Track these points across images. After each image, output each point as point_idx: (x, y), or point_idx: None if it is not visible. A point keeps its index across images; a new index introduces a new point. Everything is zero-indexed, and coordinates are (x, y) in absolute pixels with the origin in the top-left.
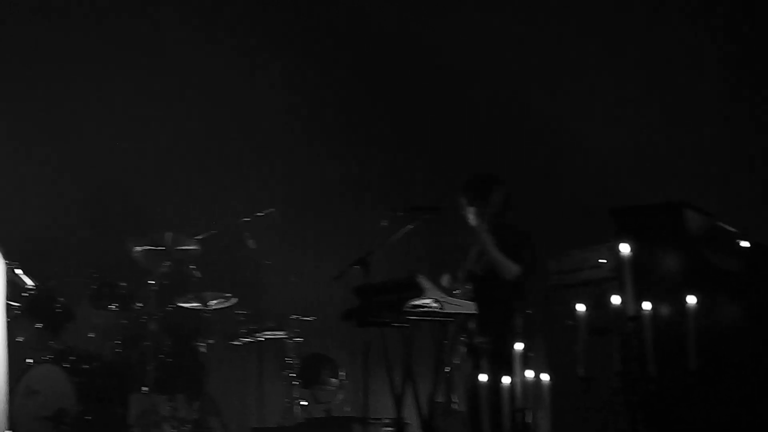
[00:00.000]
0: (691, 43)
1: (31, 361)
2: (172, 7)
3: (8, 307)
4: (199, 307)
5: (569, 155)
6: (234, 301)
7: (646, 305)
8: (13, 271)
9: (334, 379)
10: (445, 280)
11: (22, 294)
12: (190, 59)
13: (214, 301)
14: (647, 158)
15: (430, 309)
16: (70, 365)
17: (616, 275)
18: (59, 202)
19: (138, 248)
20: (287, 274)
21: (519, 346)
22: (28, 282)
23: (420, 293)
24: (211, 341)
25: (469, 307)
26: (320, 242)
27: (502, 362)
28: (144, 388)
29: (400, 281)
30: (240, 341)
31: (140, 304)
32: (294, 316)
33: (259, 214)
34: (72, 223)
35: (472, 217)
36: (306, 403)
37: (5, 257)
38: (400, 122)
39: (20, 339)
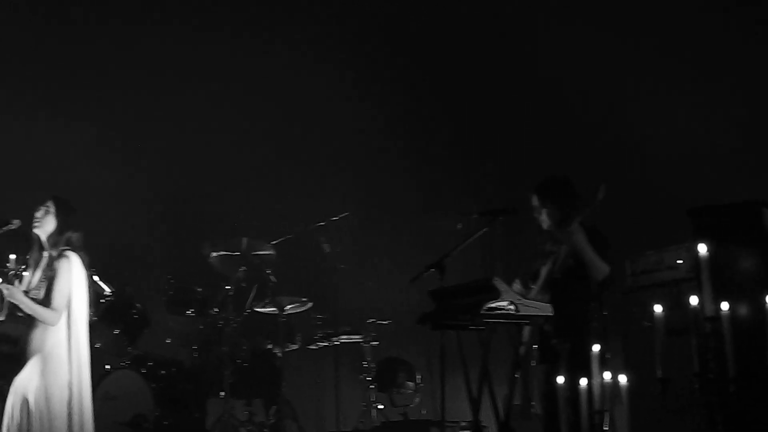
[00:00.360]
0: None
1: (109, 367)
2: (249, 14)
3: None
4: (275, 312)
5: (645, 156)
6: (310, 305)
7: (724, 305)
8: (91, 278)
9: (410, 383)
10: (516, 285)
11: (100, 300)
12: (266, 67)
13: (290, 306)
14: (725, 158)
15: (506, 311)
16: (147, 371)
17: (694, 275)
18: (136, 209)
19: (214, 254)
20: (363, 278)
21: (596, 348)
22: (106, 288)
23: (496, 296)
24: (287, 346)
25: (545, 309)
26: (395, 246)
27: (580, 364)
28: (221, 393)
29: (476, 284)
30: (316, 345)
31: (217, 310)
32: (370, 320)
33: (334, 218)
34: (149, 229)
35: (544, 219)
36: (382, 407)
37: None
38: (472, 126)
39: (98, 345)
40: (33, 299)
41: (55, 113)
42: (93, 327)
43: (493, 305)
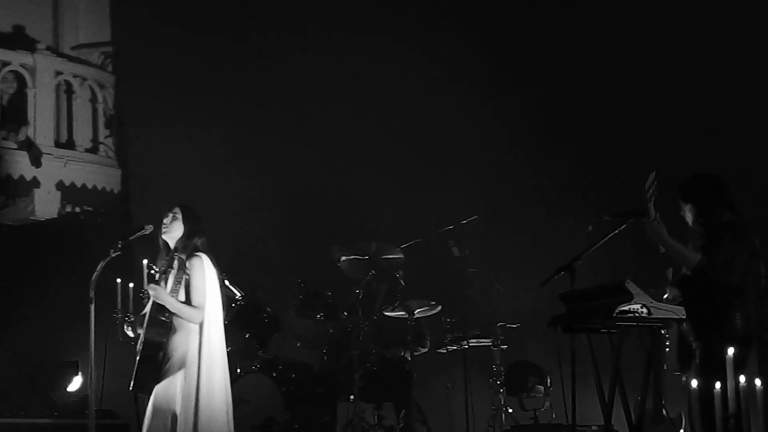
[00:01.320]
0: None
1: (240, 370)
2: (379, 23)
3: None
4: (404, 316)
5: None
6: (439, 308)
7: None
8: (223, 282)
9: (540, 386)
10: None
11: (231, 305)
12: (396, 75)
13: (420, 310)
14: None
15: (638, 314)
16: (277, 374)
17: None
18: (267, 214)
19: (344, 258)
20: (492, 281)
21: (731, 351)
22: (237, 293)
23: (629, 298)
24: (416, 349)
25: (678, 312)
26: (524, 249)
27: (714, 367)
28: (351, 397)
29: (607, 287)
30: (445, 349)
31: (346, 313)
32: (500, 324)
33: (463, 221)
34: (279, 234)
35: (688, 216)
36: (512, 411)
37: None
38: (600, 128)
39: (229, 349)
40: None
41: (189, 122)
42: (225, 331)
43: (625, 308)
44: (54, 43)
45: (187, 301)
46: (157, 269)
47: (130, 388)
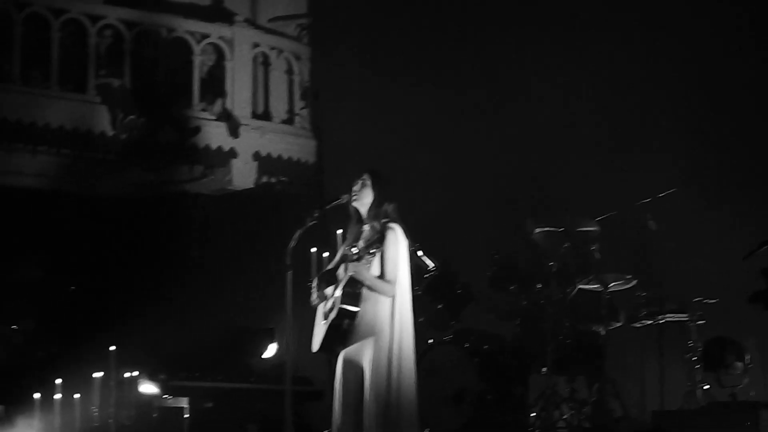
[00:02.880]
0: None
1: (432, 341)
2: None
3: (411, 288)
4: (599, 289)
5: None
6: (634, 282)
7: None
8: (416, 253)
9: (739, 363)
10: None
11: (424, 275)
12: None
13: (614, 283)
14: None
15: None
16: (470, 345)
17: None
18: (461, 185)
19: (538, 230)
20: (690, 255)
21: None
22: (430, 263)
23: None
24: (610, 323)
25: None
26: (724, 223)
27: None
28: (543, 369)
29: None
30: (640, 323)
31: (540, 286)
32: (696, 299)
33: (660, 194)
34: (473, 205)
35: None
36: (708, 387)
37: (409, 238)
38: None
39: (421, 319)
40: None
41: (383, 95)
42: (417, 301)
43: None
44: (251, 15)
45: (381, 274)
46: (355, 246)
47: (314, 349)
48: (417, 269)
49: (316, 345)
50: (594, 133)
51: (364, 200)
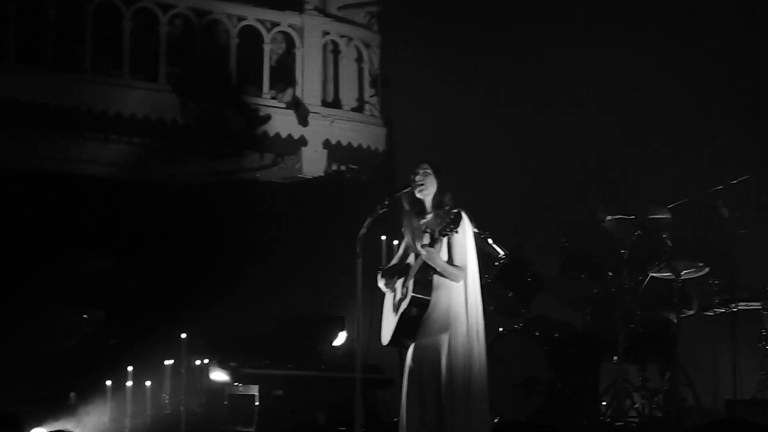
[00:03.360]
0: None
1: (502, 329)
2: None
3: (480, 276)
4: (670, 277)
5: None
6: (706, 270)
7: None
8: (486, 241)
9: None
10: None
11: (494, 263)
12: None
13: (686, 271)
14: None
15: None
16: (540, 333)
17: None
18: (531, 172)
19: (609, 217)
20: (763, 242)
21: None
22: (500, 251)
23: None
24: (682, 311)
25: None
26: None
27: None
28: (614, 358)
29: None
30: (713, 311)
31: (611, 274)
32: None
33: (733, 182)
34: (543, 192)
35: None
36: None
37: (478, 227)
38: None
39: (491, 307)
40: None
41: (453, 82)
42: (487, 289)
43: None
44: (321, 3)
45: (449, 261)
46: (426, 233)
47: (384, 343)
48: (487, 257)
49: (386, 338)
50: (665, 120)
51: (428, 189)
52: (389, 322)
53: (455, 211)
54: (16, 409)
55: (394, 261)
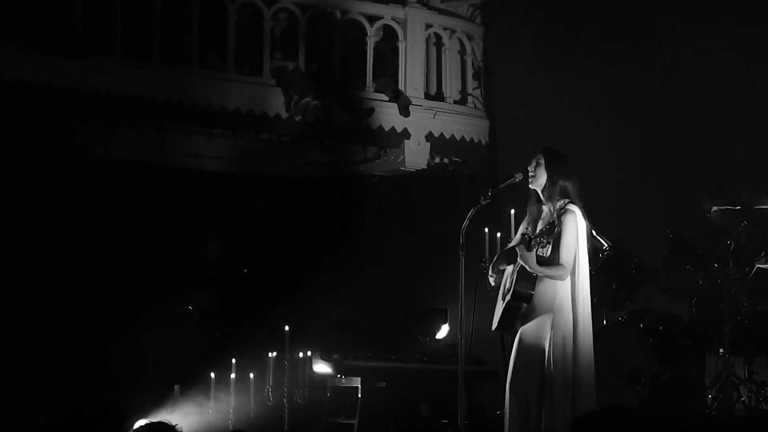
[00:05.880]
0: None
1: (606, 321)
2: None
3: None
4: None
5: None
6: None
7: None
8: (590, 232)
9: None
10: None
11: (598, 255)
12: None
13: None
14: None
15: None
16: (644, 325)
17: None
18: (636, 162)
19: (715, 208)
20: None
21: None
22: (604, 243)
23: None
24: None
25: None
26: None
27: None
28: (720, 350)
29: None
30: None
31: (716, 265)
32: None
33: None
34: (649, 182)
35: None
36: None
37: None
38: None
39: (595, 300)
40: (540, 257)
41: (556, 73)
42: (591, 281)
43: None
44: None
45: (554, 257)
46: (530, 233)
47: (493, 328)
48: (592, 249)
49: (494, 324)
50: None
51: (539, 180)
52: (498, 309)
53: (566, 208)
54: (120, 399)
55: (512, 244)
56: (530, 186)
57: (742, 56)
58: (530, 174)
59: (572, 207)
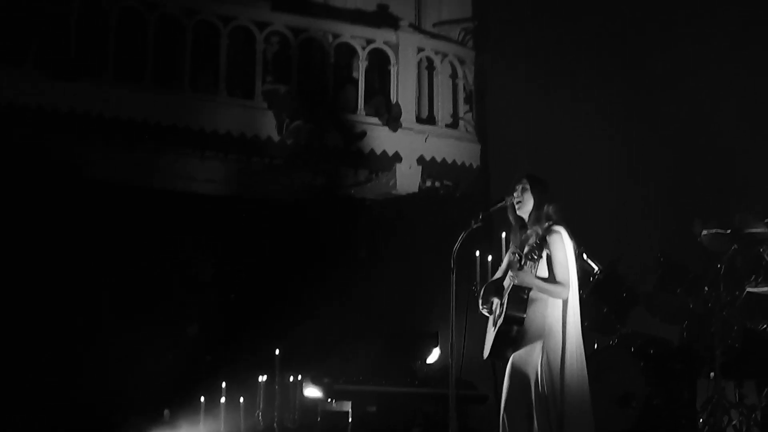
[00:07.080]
0: None
1: (597, 345)
2: None
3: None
4: None
5: None
6: None
7: None
8: (581, 256)
9: None
10: None
11: (589, 278)
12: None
13: None
14: None
15: None
16: (636, 348)
17: None
18: (627, 184)
19: (705, 231)
20: None
21: None
22: (594, 266)
23: None
24: None
25: None
26: None
27: None
28: (711, 373)
29: None
30: None
31: (707, 288)
32: None
33: None
34: (639, 205)
35: None
36: None
37: (574, 240)
38: None
39: (586, 323)
40: (537, 276)
41: (548, 96)
42: (581, 305)
43: None
44: (416, 20)
45: (550, 277)
46: (518, 253)
47: (485, 356)
48: (582, 272)
49: (486, 352)
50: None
51: (527, 206)
52: (489, 337)
53: (552, 228)
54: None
55: (498, 275)
56: (517, 212)
57: (731, 81)
58: (516, 200)
59: (557, 228)
